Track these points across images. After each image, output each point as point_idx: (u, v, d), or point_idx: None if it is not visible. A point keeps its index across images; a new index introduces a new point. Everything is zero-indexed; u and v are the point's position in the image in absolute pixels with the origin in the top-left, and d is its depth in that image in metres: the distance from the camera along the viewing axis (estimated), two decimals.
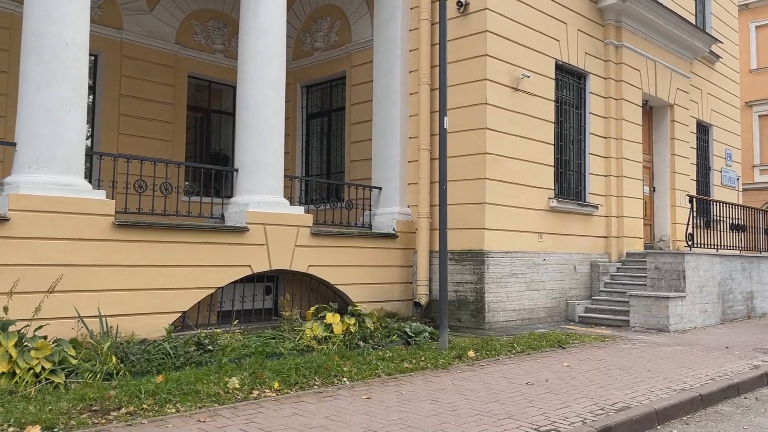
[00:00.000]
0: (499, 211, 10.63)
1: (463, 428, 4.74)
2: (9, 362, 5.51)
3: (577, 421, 5.05)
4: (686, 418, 5.81)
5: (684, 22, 14.67)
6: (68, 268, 7.13)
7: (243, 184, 9.37)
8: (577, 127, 12.75)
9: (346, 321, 8.37)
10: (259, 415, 4.93)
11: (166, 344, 6.76)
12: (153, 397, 5.14)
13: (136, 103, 12.54)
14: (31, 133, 7.32)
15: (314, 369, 6.34)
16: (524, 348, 8.47)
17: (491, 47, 10.62)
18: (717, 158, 17.71)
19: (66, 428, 4.41)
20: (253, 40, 9.54)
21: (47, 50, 7.37)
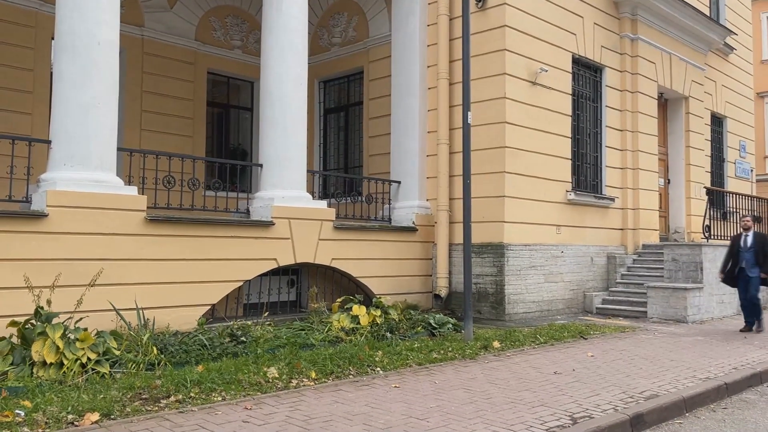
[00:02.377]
0: (518, 204, 10.77)
1: (500, 415, 4.91)
2: (57, 353, 5.70)
3: (609, 409, 5.20)
4: (713, 405, 5.96)
5: (699, 14, 14.71)
6: (104, 262, 7.32)
7: (268, 179, 9.54)
8: (594, 120, 12.84)
9: (372, 313, 8.54)
10: (302, 403, 5.12)
11: (201, 336, 6.95)
12: (198, 386, 5.33)
13: (158, 99, 12.71)
14: (65, 131, 7.49)
15: (347, 359, 6.53)
16: (547, 339, 8.62)
17: (510, 42, 10.73)
18: (731, 150, 17.76)
19: (122, 415, 4.60)
20: (276, 37, 9.67)
21: (80, 49, 7.54)
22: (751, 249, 10.11)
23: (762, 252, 10.06)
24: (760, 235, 10.46)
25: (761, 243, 10.14)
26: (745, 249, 10.18)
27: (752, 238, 10.19)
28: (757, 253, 10.08)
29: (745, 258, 10.14)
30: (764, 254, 10.05)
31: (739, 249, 10.26)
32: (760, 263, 10.06)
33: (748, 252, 10.14)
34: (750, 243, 10.17)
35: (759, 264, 10.05)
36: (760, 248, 10.07)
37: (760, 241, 10.18)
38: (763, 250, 10.07)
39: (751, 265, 10.08)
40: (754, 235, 10.26)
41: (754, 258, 10.07)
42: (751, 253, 10.10)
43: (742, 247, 10.23)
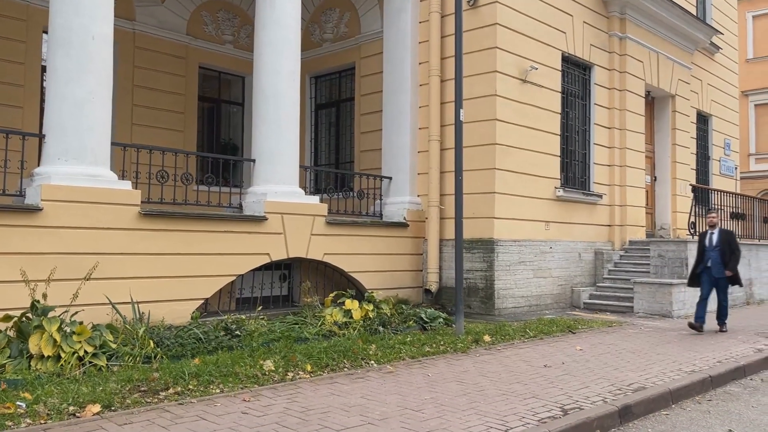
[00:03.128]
0: (507, 201, 10.91)
1: (493, 407, 5.03)
2: (54, 346, 5.75)
3: (598, 400, 5.34)
4: (698, 397, 6.12)
5: (686, 14, 14.91)
6: (99, 256, 7.35)
7: (260, 174, 9.59)
8: (582, 117, 13.01)
9: (364, 307, 8.65)
10: (299, 395, 5.21)
11: (196, 329, 7.02)
12: (196, 378, 5.40)
13: (149, 93, 12.70)
14: (59, 125, 7.49)
15: (342, 352, 6.63)
16: (536, 333, 8.78)
17: (501, 40, 10.84)
18: (716, 148, 18.03)
19: (123, 406, 4.67)
20: (269, 33, 9.70)
21: (75, 43, 7.54)
22: (716, 248, 9.60)
23: (728, 250, 9.57)
24: (726, 232, 9.96)
25: (727, 241, 9.63)
26: (710, 248, 9.66)
27: (717, 236, 9.69)
28: (723, 252, 9.56)
29: (710, 257, 9.61)
30: (731, 252, 9.58)
31: (704, 248, 9.74)
32: (726, 262, 9.56)
33: (713, 251, 9.61)
34: (715, 241, 9.65)
35: (725, 263, 9.55)
36: (726, 246, 9.56)
37: (726, 238, 9.68)
38: (729, 248, 9.58)
39: (717, 264, 9.56)
40: (719, 232, 9.77)
41: (720, 257, 9.55)
42: (717, 252, 9.58)
43: (708, 246, 9.71)
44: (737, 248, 9.71)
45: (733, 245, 9.64)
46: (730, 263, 9.54)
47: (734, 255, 9.60)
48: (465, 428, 4.43)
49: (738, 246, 9.76)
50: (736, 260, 9.61)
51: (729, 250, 9.56)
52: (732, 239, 9.74)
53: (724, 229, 10.10)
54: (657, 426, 5.16)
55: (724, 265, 9.53)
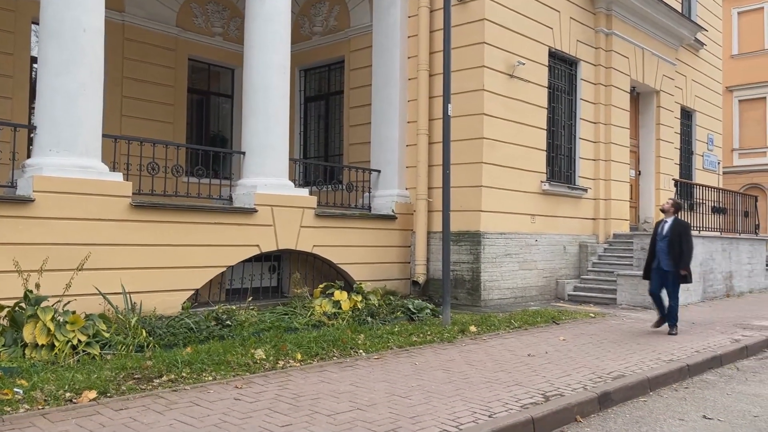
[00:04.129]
0: (494, 194, 11.08)
1: (478, 393, 5.21)
2: (48, 335, 5.85)
3: (579, 388, 5.54)
4: (675, 385, 6.34)
5: (671, 11, 15.13)
6: (90, 247, 7.43)
7: (250, 166, 9.68)
8: (569, 112, 13.20)
9: (353, 298, 8.80)
10: (290, 383, 5.36)
11: (187, 319, 7.14)
12: (189, 366, 5.53)
13: (138, 85, 12.73)
14: (50, 117, 7.54)
15: (331, 342, 6.78)
16: (521, 323, 8.98)
17: (489, 35, 10.98)
18: (699, 143, 18.33)
19: (118, 393, 4.79)
20: (259, 26, 9.76)
21: (66, 36, 7.58)
22: (666, 238, 8.67)
23: (678, 243, 8.58)
24: (680, 223, 8.84)
25: (678, 233, 8.63)
26: (660, 237, 8.76)
27: (670, 226, 8.73)
28: (672, 243, 8.59)
29: (659, 248, 8.76)
30: (680, 248, 8.58)
31: (656, 238, 8.86)
32: (674, 257, 8.59)
33: (662, 241, 8.71)
34: (666, 231, 8.73)
35: (674, 258, 8.60)
36: (675, 238, 8.58)
37: (677, 230, 8.67)
38: (680, 241, 8.59)
39: (665, 256, 8.66)
40: (673, 222, 8.77)
41: (667, 248, 8.63)
42: (665, 243, 8.67)
43: (659, 235, 8.81)
44: (690, 242, 8.72)
45: (684, 238, 8.63)
46: (682, 260, 8.59)
47: (685, 250, 8.62)
48: (451, 414, 4.60)
49: (691, 240, 8.77)
50: (688, 256, 8.66)
51: (679, 242, 8.59)
52: (685, 231, 8.71)
53: (678, 219, 8.91)
54: (635, 412, 5.36)
55: (672, 258, 8.62)
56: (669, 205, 8.94)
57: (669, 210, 8.89)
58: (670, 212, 8.86)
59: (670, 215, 8.84)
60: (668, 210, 8.89)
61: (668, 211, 8.88)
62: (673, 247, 8.61)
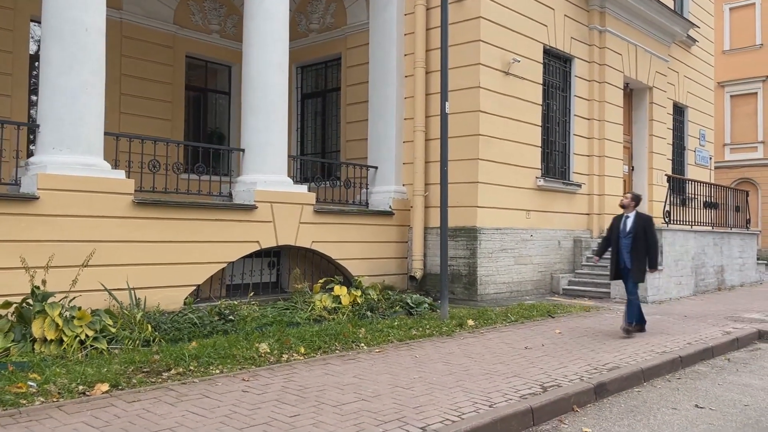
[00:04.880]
0: (490, 190, 11.24)
1: (478, 385, 5.36)
2: (56, 330, 5.96)
3: (576, 379, 5.70)
4: (668, 376, 6.53)
5: (664, 8, 15.30)
6: (94, 244, 7.53)
7: (250, 163, 9.78)
8: (563, 109, 13.36)
9: (353, 293, 8.94)
10: (295, 375, 5.50)
11: (191, 314, 7.27)
12: (196, 360, 5.67)
13: (136, 82, 12.80)
14: (54, 115, 7.62)
15: (333, 336, 6.93)
16: (517, 317, 9.15)
17: (484, 33, 11.12)
18: (691, 138, 18.55)
19: (129, 386, 4.93)
20: (258, 24, 9.85)
21: (68, 35, 7.66)
22: (629, 234, 8.24)
23: (643, 239, 8.16)
24: (642, 218, 8.36)
25: (642, 227, 8.20)
26: (623, 234, 8.32)
27: (632, 221, 8.27)
28: (636, 239, 8.18)
29: (623, 245, 8.30)
30: (646, 241, 8.17)
31: (618, 234, 8.40)
32: (640, 253, 8.15)
33: (626, 238, 8.27)
34: (629, 227, 8.27)
35: (639, 254, 8.16)
36: (640, 234, 8.17)
37: (641, 224, 8.23)
38: (645, 236, 8.16)
39: (628, 253, 8.24)
40: (635, 217, 8.30)
41: (632, 245, 8.21)
42: (629, 240, 8.23)
43: (621, 231, 8.36)
44: (655, 236, 8.32)
45: (649, 234, 8.22)
46: (650, 258, 8.21)
47: (652, 246, 8.22)
48: (452, 404, 4.76)
49: (656, 234, 8.41)
50: (655, 253, 8.30)
51: (644, 238, 8.17)
52: (649, 225, 8.28)
53: (640, 213, 8.44)
54: (630, 402, 5.53)
55: (637, 254, 8.17)
56: (628, 199, 8.43)
57: (629, 205, 8.38)
58: (631, 207, 8.37)
59: (631, 210, 8.36)
60: (628, 205, 8.39)
61: (628, 206, 8.38)
62: (638, 244, 8.16)
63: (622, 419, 5.00)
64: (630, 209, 8.37)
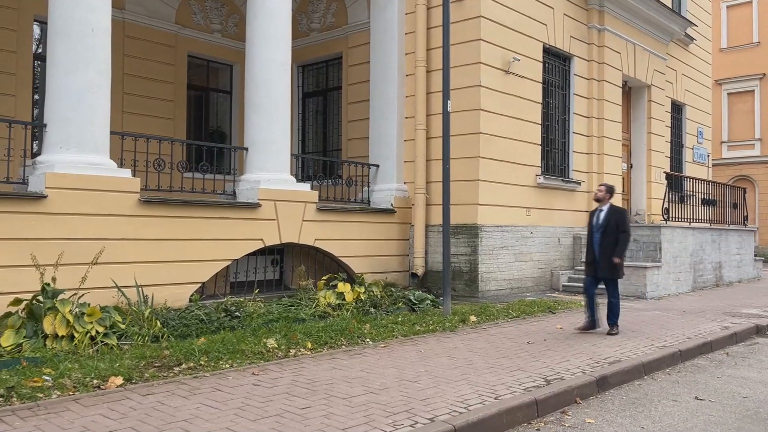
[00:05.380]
0: (491, 188, 11.35)
1: (483, 378, 5.48)
2: (67, 326, 6.06)
3: (578, 372, 5.82)
4: (668, 369, 6.65)
5: (662, 7, 15.42)
6: (101, 242, 7.62)
7: (253, 162, 9.88)
8: (562, 107, 13.47)
9: (356, 290, 9.05)
10: (303, 369, 5.61)
11: (198, 311, 7.37)
12: (206, 355, 5.77)
13: (139, 82, 12.88)
14: (60, 115, 7.72)
15: (339, 331, 7.04)
16: (519, 313, 9.27)
17: (485, 32, 11.22)
18: (689, 136, 18.67)
19: (142, 380, 5.03)
20: (260, 24, 9.93)
21: (74, 36, 7.75)
22: (601, 228, 7.94)
23: (614, 233, 7.85)
24: (615, 210, 8.07)
25: (614, 221, 7.88)
26: (596, 228, 8.02)
27: (605, 215, 7.98)
28: (607, 233, 7.86)
29: (595, 240, 8.02)
30: (617, 234, 7.86)
31: (591, 229, 8.15)
32: (610, 247, 7.83)
33: (598, 232, 7.98)
34: (601, 221, 7.96)
35: (609, 248, 7.84)
36: (612, 227, 7.85)
37: (613, 218, 7.92)
38: (616, 230, 7.87)
39: (599, 248, 7.95)
40: (608, 210, 8.01)
41: (602, 239, 7.91)
42: (600, 234, 7.95)
43: (594, 226, 8.08)
44: (627, 229, 8.00)
45: (621, 226, 7.91)
46: (617, 248, 7.86)
47: (621, 239, 7.88)
48: (459, 396, 4.87)
49: (628, 227, 8.07)
50: (624, 244, 7.92)
51: (615, 231, 7.87)
52: (621, 219, 7.99)
53: (614, 206, 8.14)
54: (631, 394, 5.65)
55: (606, 248, 7.88)
56: (603, 192, 8.10)
57: (604, 198, 8.06)
58: (606, 199, 8.05)
59: (606, 203, 8.04)
60: (603, 197, 8.07)
61: (603, 199, 8.06)
62: (609, 237, 7.86)
63: (624, 411, 5.12)
64: (605, 202, 8.05)
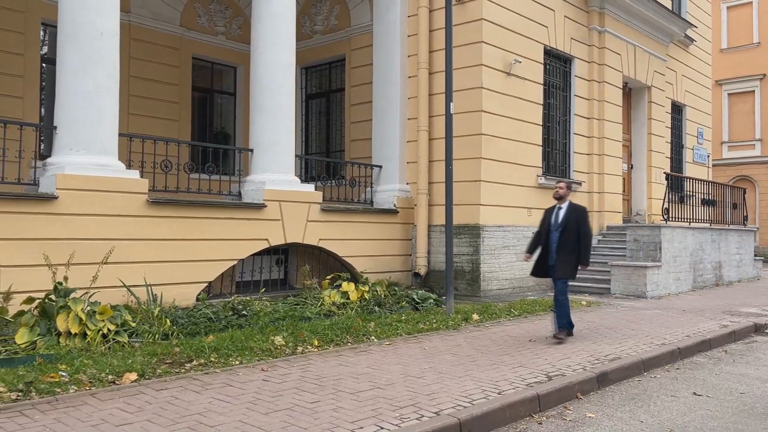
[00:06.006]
0: (492, 188, 11.49)
1: (486, 374, 5.62)
2: (80, 324, 6.21)
3: (579, 368, 5.96)
4: (667, 366, 6.78)
5: (662, 8, 15.55)
6: (111, 242, 7.77)
7: (258, 163, 10.02)
8: (563, 108, 13.61)
9: (360, 289, 9.19)
10: (311, 366, 5.75)
11: (206, 309, 7.52)
12: (216, 352, 5.92)
13: (144, 83, 13.03)
14: (70, 117, 7.86)
15: (344, 329, 7.19)
16: (520, 312, 9.41)
17: (486, 34, 11.36)
18: (689, 136, 18.80)
19: (155, 375, 5.18)
20: (265, 26, 10.07)
21: (83, 39, 7.90)
22: (560, 228, 7.35)
23: (575, 232, 7.29)
24: (575, 209, 7.47)
25: (574, 220, 7.32)
26: (554, 227, 7.43)
27: (564, 213, 7.38)
28: (567, 232, 7.29)
29: (552, 239, 7.44)
30: (577, 235, 7.30)
31: (549, 227, 7.51)
32: (569, 247, 7.28)
33: (556, 231, 7.40)
34: (561, 219, 7.37)
35: (568, 248, 7.28)
36: (572, 227, 7.29)
37: (574, 216, 7.34)
38: (577, 229, 7.30)
39: (556, 248, 7.38)
40: (567, 209, 7.41)
41: (560, 239, 7.34)
42: (558, 233, 7.36)
43: (552, 225, 7.46)
44: (588, 231, 7.45)
45: (582, 225, 7.35)
46: (582, 254, 7.35)
47: (584, 242, 7.33)
48: (463, 391, 5.01)
49: (589, 228, 7.53)
50: (587, 249, 7.39)
51: (576, 231, 7.31)
52: (582, 218, 7.42)
53: (574, 204, 7.57)
54: (630, 390, 5.79)
55: (565, 248, 7.32)
56: (564, 189, 7.54)
57: (565, 195, 7.50)
58: (566, 197, 7.51)
59: (565, 201, 7.48)
60: (565, 195, 7.50)
61: (564, 197, 7.49)
62: (568, 237, 7.29)
63: (623, 406, 5.25)
64: (565, 200, 7.50)
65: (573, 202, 7.65)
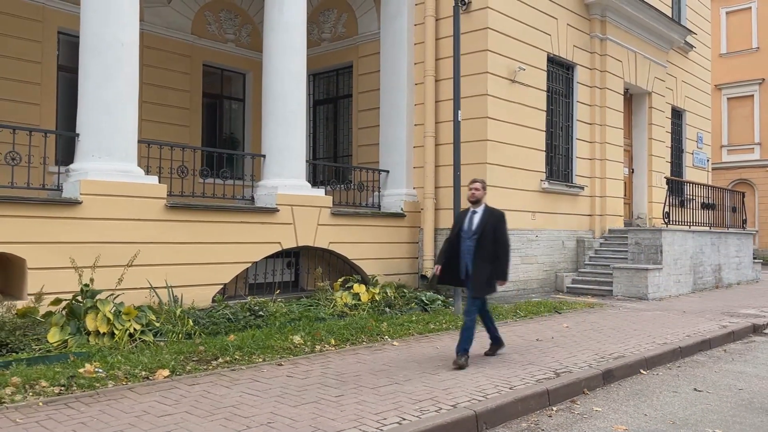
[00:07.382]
0: (497, 193, 11.76)
1: (497, 371, 5.91)
2: (108, 324, 6.50)
3: (585, 366, 6.25)
4: (669, 364, 7.08)
5: (662, 16, 15.87)
6: (132, 245, 8.07)
7: (271, 168, 10.31)
8: (566, 114, 13.92)
9: (371, 291, 9.48)
10: (330, 363, 6.04)
11: (225, 310, 7.80)
12: (240, 350, 6.21)
13: (157, 90, 13.33)
14: (92, 125, 8.17)
15: (359, 329, 7.48)
16: (526, 313, 9.69)
17: (491, 43, 11.67)
18: (689, 141, 19.12)
19: (185, 372, 5.47)
20: (277, 36, 10.38)
21: (105, 50, 8.20)
22: (475, 235, 6.32)
23: (491, 241, 6.28)
24: (493, 213, 6.45)
25: (492, 226, 6.32)
26: (467, 234, 6.40)
27: (480, 218, 6.38)
28: (483, 240, 6.27)
29: (465, 247, 6.41)
30: (495, 244, 6.30)
31: (461, 233, 6.48)
32: (485, 258, 6.25)
33: (470, 239, 6.36)
34: (475, 226, 6.36)
35: (484, 259, 6.25)
36: (488, 234, 6.29)
37: (491, 222, 6.34)
38: (494, 237, 6.30)
39: (471, 257, 6.34)
40: (484, 212, 6.43)
41: (476, 248, 6.29)
42: (473, 242, 6.32)
43: (465, 231, 6.44)
44: (506, 240, 6.47)
45: (499, 234, 6.38)
46: (500, 265, 6.38)
47: (501, 254, 6.38)
48: (476, 386, 5.30)
49: (507, 238, 6.49)
50: (505, 261, 6.46)
51: (493, 239, 6.32)
52: (500, 225, 6.42)
53: (490, 208, 6.55)
54: (634, 386, 6.08)
55: (480, 259, 6.29)
56: (481, 190, 6.56)
57: (482, 197, 6.56)
58: (482, 200, 6.57)
59: (481, 204, 6.52)
60: (481, 197, 6.55)
61: (480, 200, 6.53)
62: (485, 246, 6.30)
63: (628, 401, 5.54)
64: (481, 203, 6.53)
65: (489, 205, 6.59)
